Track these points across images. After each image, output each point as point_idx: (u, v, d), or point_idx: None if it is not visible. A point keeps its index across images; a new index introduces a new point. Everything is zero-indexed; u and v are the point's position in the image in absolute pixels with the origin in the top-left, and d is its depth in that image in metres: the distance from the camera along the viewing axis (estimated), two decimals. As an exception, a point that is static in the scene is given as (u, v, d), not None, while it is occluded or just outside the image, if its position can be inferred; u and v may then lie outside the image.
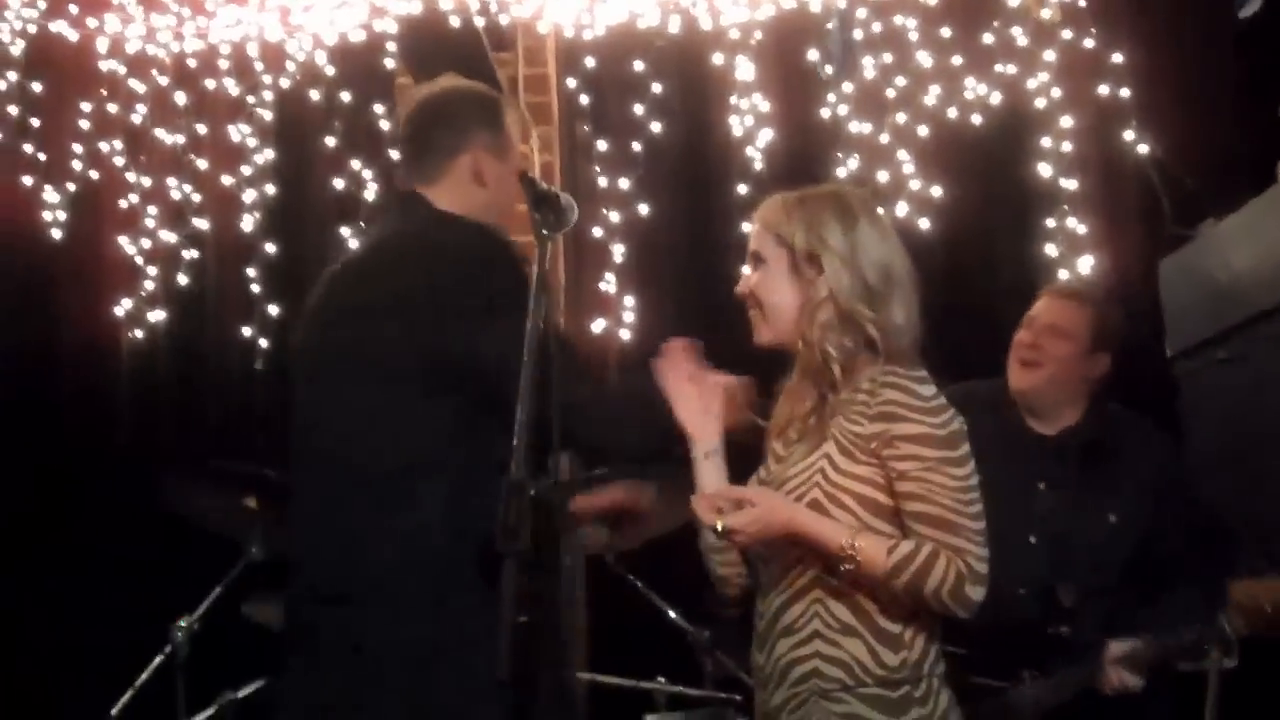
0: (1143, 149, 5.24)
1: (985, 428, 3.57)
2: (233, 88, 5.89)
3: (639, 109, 5.63)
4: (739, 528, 2.61)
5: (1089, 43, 5.34)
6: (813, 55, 5.55)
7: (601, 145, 5.67)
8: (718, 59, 5.58)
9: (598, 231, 5.58)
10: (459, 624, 2.76)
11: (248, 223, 5.83)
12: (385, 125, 5.74)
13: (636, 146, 5.59)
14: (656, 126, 5.62)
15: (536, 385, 2.33)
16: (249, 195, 5.85)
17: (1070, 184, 5.28)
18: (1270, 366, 4.17)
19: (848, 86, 5.49)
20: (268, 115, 5.90)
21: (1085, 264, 5.21)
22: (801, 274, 2.77)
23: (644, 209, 5.56)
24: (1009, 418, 3.95)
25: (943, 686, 2.70)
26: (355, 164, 5.75)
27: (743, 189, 5.46)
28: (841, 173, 5.44)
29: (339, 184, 5.75)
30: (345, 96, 5.78)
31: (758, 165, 5.52)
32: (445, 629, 2.79)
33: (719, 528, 2.62)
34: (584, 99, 5.71)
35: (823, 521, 2.64)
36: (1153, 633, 3.64)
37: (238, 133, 5.89)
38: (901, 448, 2.63)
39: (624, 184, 5.58)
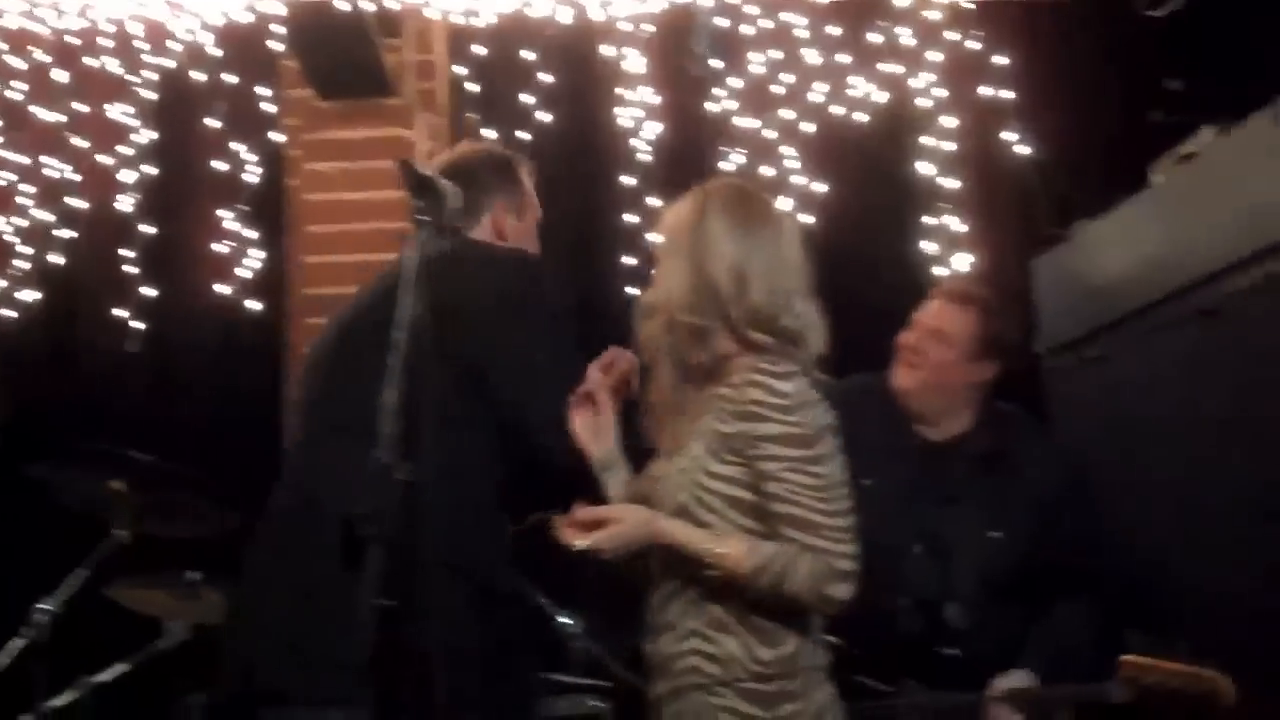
0: (1022, 150, 5.33)
1: (872, 428, 3.61)
2: (114, 66, 5.79)
3: (527, 98, 5.62)
4: (601, 548, 2.62)
5: (973, 44, 5.42)
6: (698, 49, 5.57)
7: (489, 133, 5.65)
8: (607, 51, 5.58)
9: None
10: None
11: (125, 203, 5.73)
12: (268, 107, 5.68)
13: (524, 135, 5.58)
14: (545, 116, 5.62)
15: (409, 371, 2.32)
16: (128, 175, 5.75)
17: (951, 183, 5.35)
18: (1135, 367, 4.27)
19: (736, 82, 5.52)
20: (149, 95, 5.80)
21: (963, 261, 5.29)
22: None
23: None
24: (897, 420, 3.86)
25: (822, 681, 2.72)
26: (237, 146, 5.68)
27: (629, 180, 5.47)
28: (727, 167, 5.47)
29: (220, 166, 5.68)
30: (229, 78, 5.70)
31: (645, 157, 5.53)
32: None
33: (579, 547, 2.63)
34: (472, 87, 5.69)
35: (686, 530, 2.66)
36: (1039, 672, 3.59)
37: (118, 112, 5.79)
38: (764, 448, 2.63)
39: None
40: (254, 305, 5.65)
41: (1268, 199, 3.62)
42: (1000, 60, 5.37)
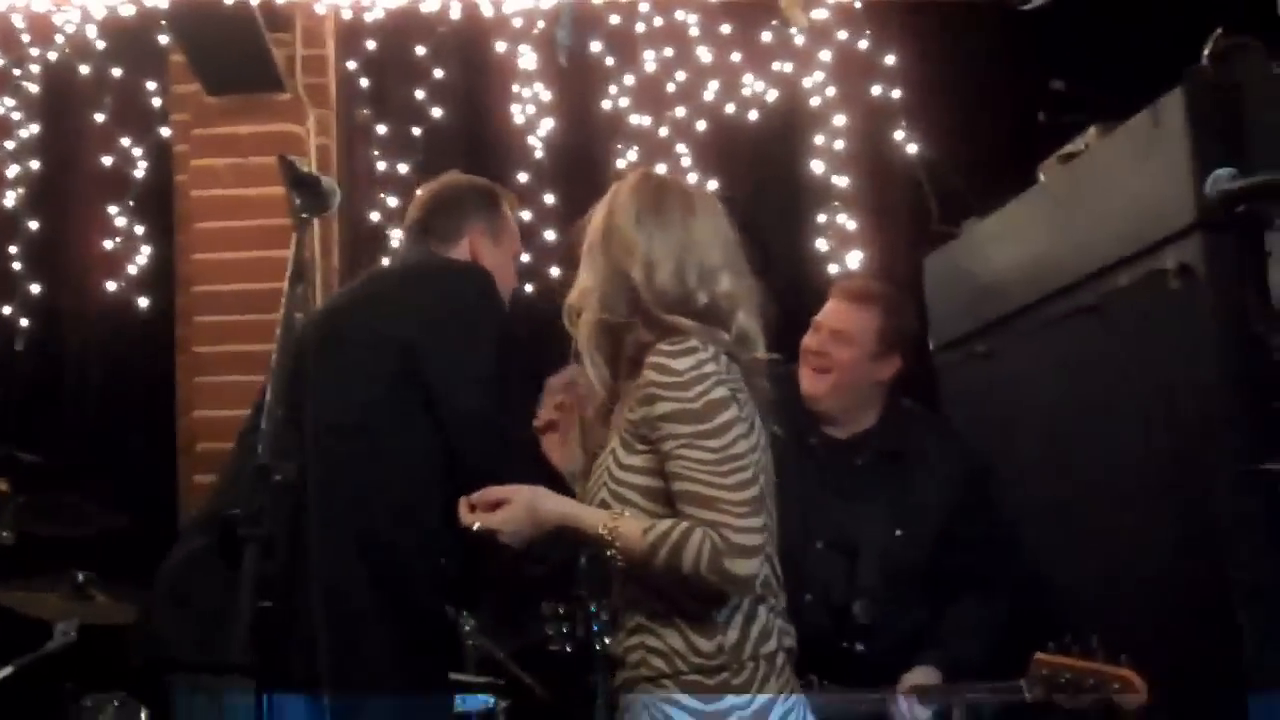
0: (911, 148, 5.39)
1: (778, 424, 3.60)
2: (-3, 59, 5.69)
3: (419, 94, 5.59)
4: (496, 528, 2.60)
5: (863, 44, 5.47)
6: (596, 46, 5.57)
7: (380, 129, 5.62)
8: (500, 46, 5.56)
9: (375, 216, 5.53)
10: None
11: (10, 198, 5.63)
12: (156, 102, 5.60)
13: (416, 131, 5.56)
14: (437, 112, 5.59)
15: (288, 374, 2.31)
16: (12, 170, 5.65)
17: (841, 181, 5.41)
18: (1023, 362, 4.33)
19: (629, 79, 5.53)
20: (34, 88, 5.70)
21: (854, 259, 5.34)
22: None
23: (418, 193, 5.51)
24: (802, 416, 3.80)
25: (776, 672, 2.65)
26: (124, 141, 5.60)
27: (523, 177, 5.46)
28: (620, 164, 5.48)
29: (107, 161, 5.60)
30: (116, 72, 5.62)
31: (538, 154, 5.53)
32: None
33: (475, 529, 2.62)
34: (363, 82, 5.66)
35: (582, 510, 2.64)
36: (943, 666, 3.60)
37: (1, 106, 5.69)
38: (662, 428, 2.58)
39: (403, 169, 5.54)
40: (143, 302, 5.58)
41: (1148, 198, 3.69)
42: (890, 60, 5.42)
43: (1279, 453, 3.26)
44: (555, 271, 4.59)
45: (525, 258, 5.22)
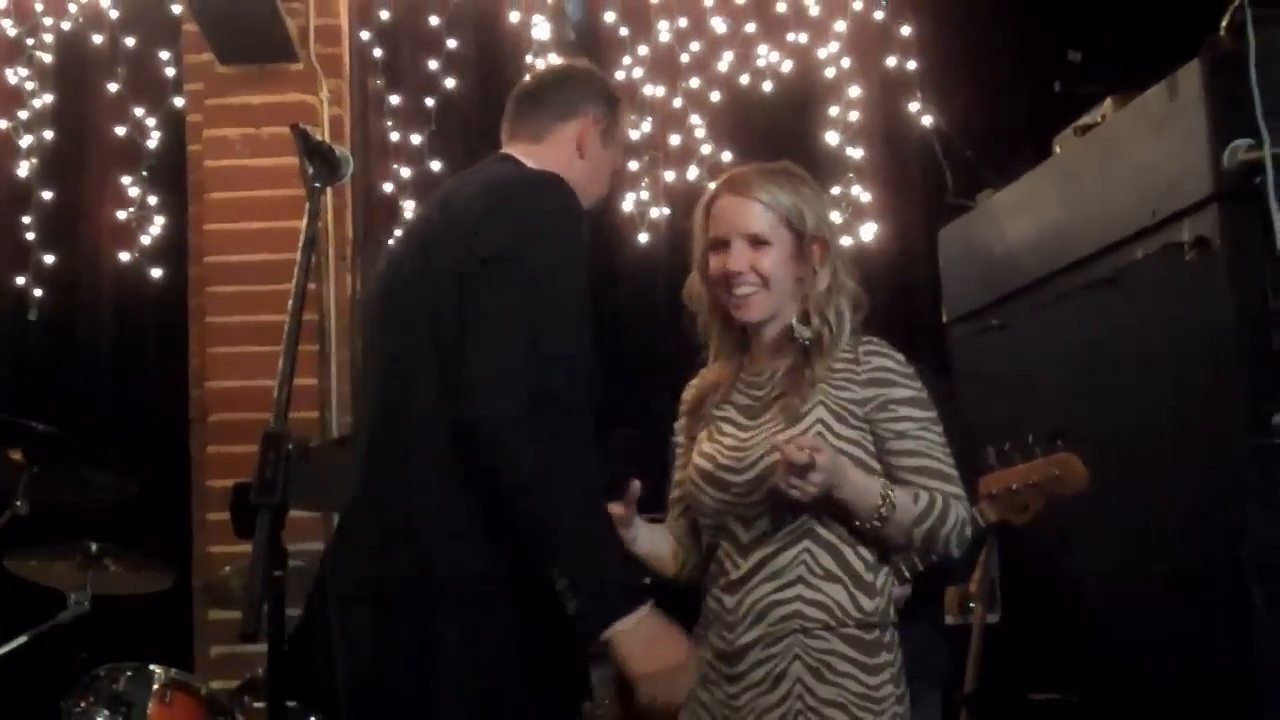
0: (927, 120, 5.37)
1: None
2: (10, 29, 5.67)
3: (433, 64, 5.58)
4: (821, 466, 2.63)
5: (878, 15, 5.44)
6: (610, 16, 5.55)
7: (394, 100, 5.61)
8: (513, 16, 5.54)
9: (388, 187, 5.52)
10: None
11: (24, 168, 5.62)
12: (170, 72, 5.59)
13: (430, 102, 5.54)
14: (450, 82, 5.57)
15: (294, 335, 2.30)
16: (25, 140, 5.64)
17: (856, 152, 5.38)
18: (1038, 335, 4.32)
19: (643, 50, 5.51)
20: (47, 58, 5.69)
21: (869, 231, 5.32)
22: (805, 253, 2.86)
23: (436, 165, 5.51)
24: None
25: (896, 637, 2.84)
26: (138, 111, 5.59)
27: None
28: (634, 134, 5.46)
29: (120, 131, 5.59)
30: (129, 41, 5.61)
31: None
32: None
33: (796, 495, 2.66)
34: (377, 52, 5.63)
35: (861, 475, 2.75)
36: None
37: (15, 75, 5.68)
38: (898, 410, 2.79)
39: (416, 139, 5.52)
40: (156, 272, 5.58)
41: (1165, 170, 3.67)
42: (905, 31, 5.40)
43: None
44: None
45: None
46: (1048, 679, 4.20)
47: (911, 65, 5.39)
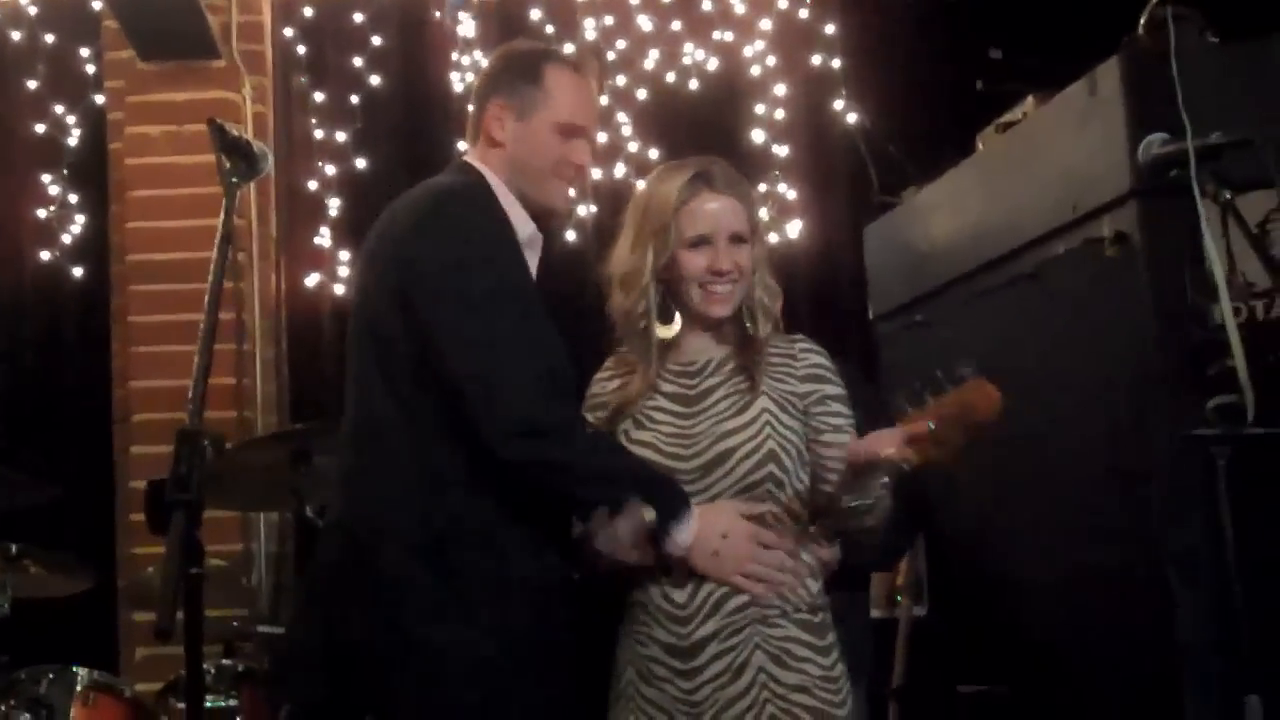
0: (851, 118, 5.40)
1: None
2: (-73, 25, 5.60)
3: (358, 61, 5.55)
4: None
5: (803, 13, 5.47)
6: (535, 14, 5.54)
7: (318, 97, 5.57)
8: (438, 13, 5.52)
9: (313, 184, 5.49)
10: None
11: (-60, 168, 5.55)
12: (90, 69, 5.53)
13: (354, 99, 5.51)
14: (375, 79, 5.55)
15: (210, 332, 2.28)
16: (-58, 139, 5.57)
17: (782, 150, 5.41)
18: (961, 331, 4.34)
19: (568, 48, 5.49)
20: (-35, 55, 5.62)
21: (794, 228, 5.34)
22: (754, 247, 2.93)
23: (361, 163, 5.48)
24: None
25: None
26: (58, 108, 5.52)
27: (462, 145, 5.41)
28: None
29: (40, 128, 5.52)
30: (48, 38, 5.54)
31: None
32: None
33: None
34: (300, 49, 5.60)
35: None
36: None
37: (-68, 73, 5.61)
38: (831, 405, 2.89)
39: (340, 137, 5.50)
40: (77, 271, 5.52)
41: (1085, 166, 3.70)
42: (830, 29, 5.43)
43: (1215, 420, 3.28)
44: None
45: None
46: (976, 671, 4.22)
47: (836, 63, 5.43)
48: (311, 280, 5.47)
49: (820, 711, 2.75)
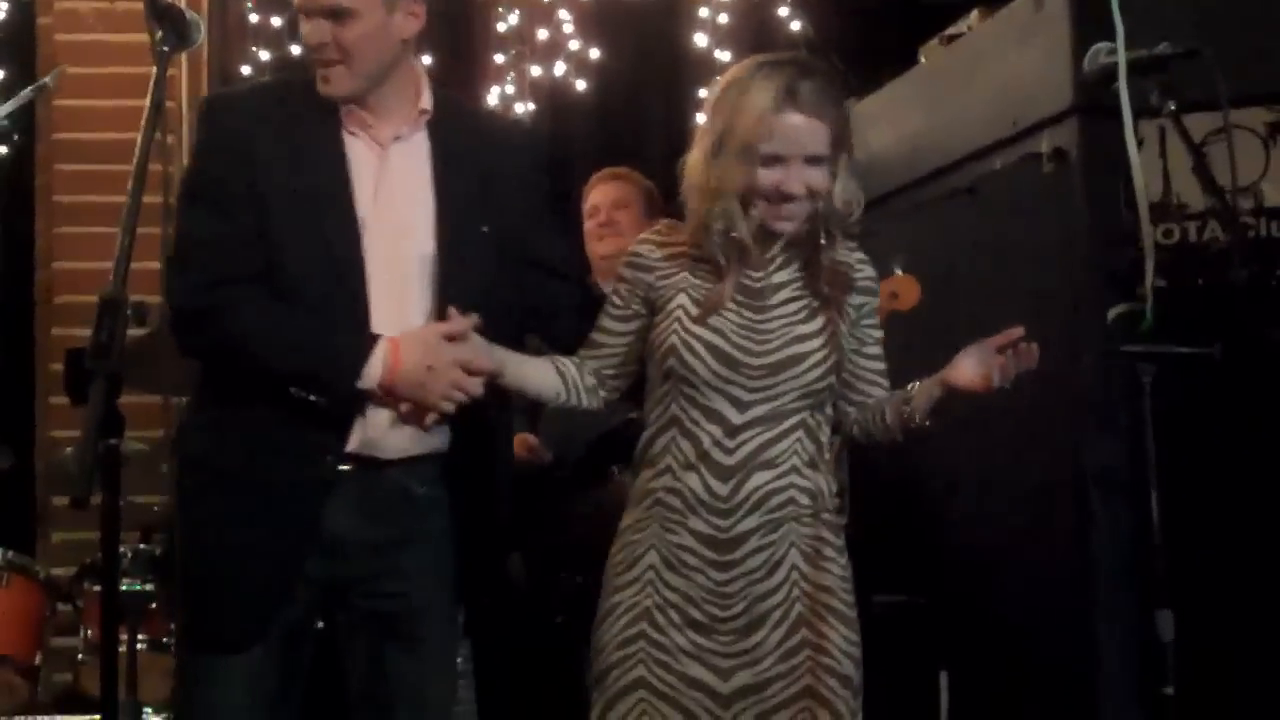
0: (795, 26, 5.36)
1: None
2: None
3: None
4: None
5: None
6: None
7: (254, -22, 5.47)
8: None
9: (246, 69, 5.39)
10: None
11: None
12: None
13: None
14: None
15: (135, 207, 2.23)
16: None
17: (725, 56, 5.36)
18: (900, 242, 4.33)
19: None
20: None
21: (734, 135, 5.29)
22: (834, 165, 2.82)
23: (296, 49, 5.37)
24: None
25: None
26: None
27: (403, 39, 5.32)
28: (501, 27, 5.39)
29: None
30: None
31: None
32: None
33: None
34: (240, -78, 5.48)
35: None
36: None
37: None
38: (874, 319, 2.95)
39: (276, 22, 5.39)
40: (2, 150, 5.40)
41: (1027, 81, 3.69)
42: (777, -65, 5.37)
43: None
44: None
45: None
46: (893, 581, 4.26)
47: (782, -30, 5.37)
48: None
49: (842, 615, 2.82)
